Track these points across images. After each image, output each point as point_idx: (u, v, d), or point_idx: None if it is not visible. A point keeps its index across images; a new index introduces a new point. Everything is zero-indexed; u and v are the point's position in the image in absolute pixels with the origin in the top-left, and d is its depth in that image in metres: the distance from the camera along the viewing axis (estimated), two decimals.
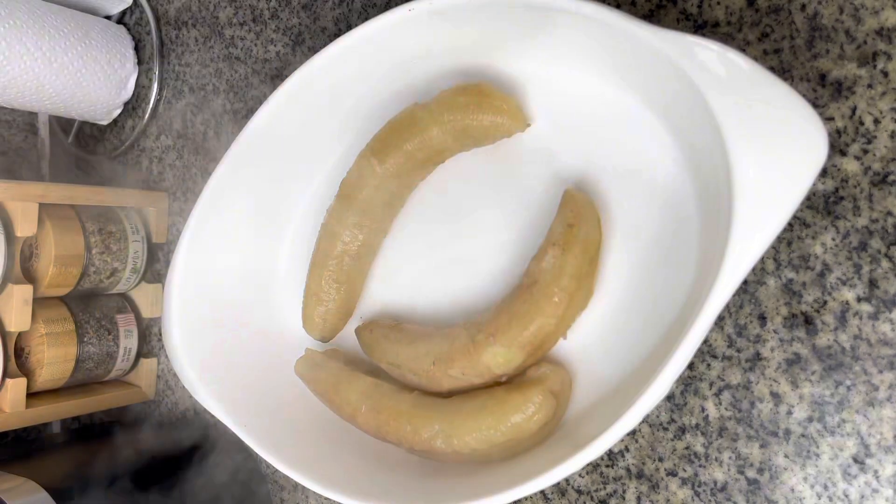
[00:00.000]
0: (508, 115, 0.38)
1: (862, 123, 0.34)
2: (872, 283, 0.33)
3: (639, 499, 0.39)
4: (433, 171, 0.43)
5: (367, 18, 0.39)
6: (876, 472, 0.33)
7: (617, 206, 0.38)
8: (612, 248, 0.38)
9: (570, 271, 0.35)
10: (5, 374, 0.51)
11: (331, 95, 0.43)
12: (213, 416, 0.44)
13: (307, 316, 0.46)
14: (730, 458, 0.37)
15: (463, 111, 0.39)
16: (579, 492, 0.41)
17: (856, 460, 0.34)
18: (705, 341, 0.37)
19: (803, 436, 0.35)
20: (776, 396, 0.35)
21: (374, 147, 0.42)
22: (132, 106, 0.64)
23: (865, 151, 0.34)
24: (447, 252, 0.43)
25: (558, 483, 0.42)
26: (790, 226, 0.35)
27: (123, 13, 0.65)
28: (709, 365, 0.37)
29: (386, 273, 0.46)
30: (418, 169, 0.42)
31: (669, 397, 0.38)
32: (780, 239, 0.36)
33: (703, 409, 0.37)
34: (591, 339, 0.38)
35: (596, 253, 0.36)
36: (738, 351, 0.36)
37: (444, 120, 0.39)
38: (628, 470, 0.39)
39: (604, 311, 0.37)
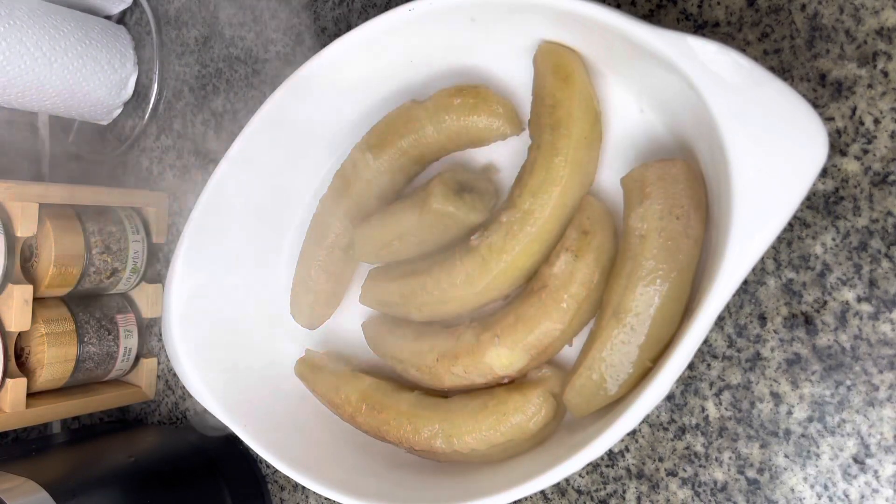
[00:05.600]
0: (504, 119, 0.38)
1: (862, 123, 0.34)
2: (872, 283, 0.33)
3: (639, 499, 0.39)
4: (427, 168, 0.44)
5: (367, 18, 0.39)
6: (876, 472, 0.33)
7: (615, 205, 0.38)
8: None
9: (580, 279, 0.35)
10: (5, 374, 0.51)
11: (331, 95, 0.43)
12: (213, 417, 0.44)
13: (295, 303, 0.46)
14: (730, 458, 0.37)
15: (459, 112, 0.39)
16: (579, 492, 0.41)
17: (856, 460, 0.34)
18: (705, 341, 0.37)
19: (803, 436, 0.35)
20: (776, 396, 0.35)
21: (370, 141, 0.42)
22: (132, 106, 0.64)
23: (865, 151, 0.34)
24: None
25: (558, 483, 0.42)
26: (790, 226, 0.35)
27: (123, 13, 0.64)
28: (709, 365, 0.37)
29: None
30: (412, 165, 0.42)
31: (669, 397, 0.38)
32: (780, 239, 0.36)
33: (703, 409, 0.37)
34: None
35: (608, 263, 0.36)
36: (738, 351, 0.36)
37: (440, 119, 0.39)
38: (628, 470, 0.39)
39: None
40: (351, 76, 0.42)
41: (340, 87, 0.42)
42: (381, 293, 0.42)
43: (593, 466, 0.41)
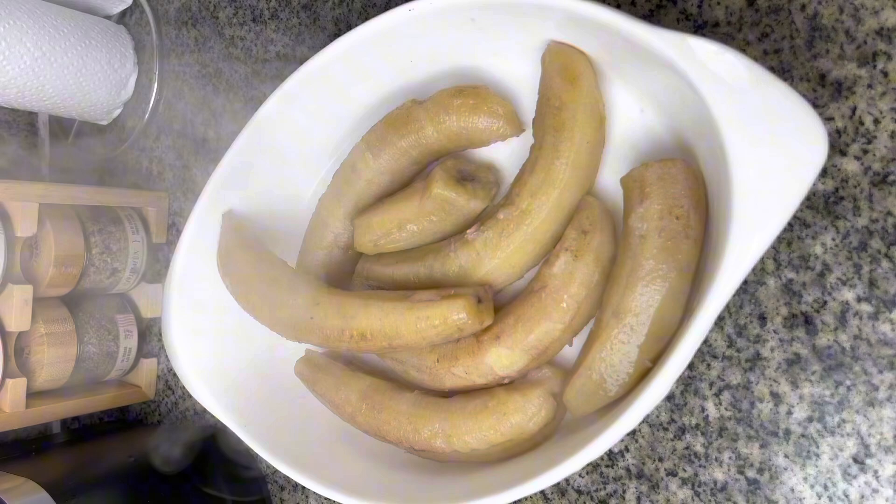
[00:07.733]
0: (504, 120, 0.38)
1: (862, 123, 0.34)
2: (872, 283, 0.33)
3: (639, 499, 0.39)
4: (427, 168, 0.44)
5: (367, 18, 0.39)
6: (876, 472, 0.33)
7: (615, 205, 0.38)
8: None
9: (580, 279, 0.35)
10: (5, 374, 0.51)
11: (330, 95, 0.43)
12: (213, 417, 0.44)
13: None
14: (730, 458, 0.37)
15: (459, 113, 0.39)
16: (579, 492, 0.41)
17: (856, 460, 0.34)
18: (705, 341, 0.37)
19: (803, 436, 0.35)
20: (776, 396, 0.35)
21: (370, 141, 0.42)
22: (132, 106, 0.64)
23: (865, 151, 0.34)
24: None
25: (558, 483, 0.42)
26: (790, 226, 0.35)
27: (123, 13, 0.65)
28: (709, 365, 0.37)
29: None
30: (412, 165, 0.42)
31: (669, 397, 0.38)
32: (780, 239, 0.36)
33: (703, 409, 0.37)
34: None
35: (608, 263, 0.36)
36: (738, 351, 0.36)
37: (440, 120, 0.39)
38: (628, 470, 0.39)
39: None
40: (350, 76, 0.42)
41: (340, 87, 0.42)
42: (372, 276, 0.42)
43: (593, 466, 0.41)
